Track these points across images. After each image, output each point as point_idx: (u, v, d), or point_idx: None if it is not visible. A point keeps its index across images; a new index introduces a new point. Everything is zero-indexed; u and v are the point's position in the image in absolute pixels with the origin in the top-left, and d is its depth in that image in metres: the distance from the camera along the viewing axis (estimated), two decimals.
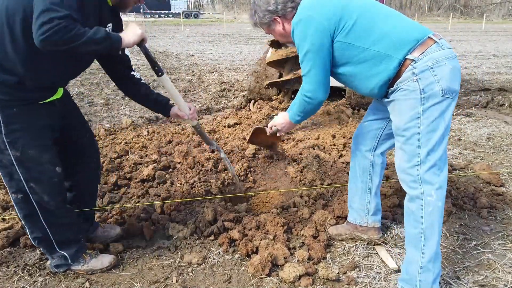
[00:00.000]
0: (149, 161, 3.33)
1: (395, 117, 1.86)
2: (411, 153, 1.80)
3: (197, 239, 2.39)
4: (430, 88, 1.72)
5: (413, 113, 1.76)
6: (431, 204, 1.78)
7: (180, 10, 41.64)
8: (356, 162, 2.26)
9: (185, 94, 6.52)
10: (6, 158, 1.77)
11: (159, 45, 14.80)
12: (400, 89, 1.79)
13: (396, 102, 1.83)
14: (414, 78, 1.74)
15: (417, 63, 1.73)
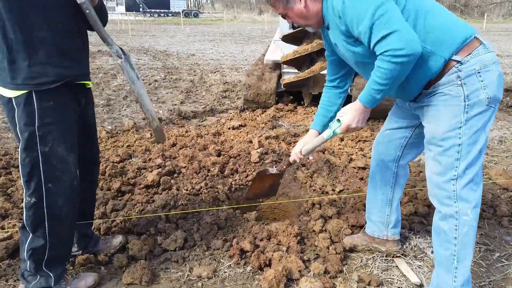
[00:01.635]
0: (154, 166, 3.21)
1: (430, 124, 1.68)
2: (447, 166, 1.63)
3: (206, 250, 2.27)
4: (476, 95, 1.55)
5: (455, 121, 1.59)
6: (467, 224, 1.63)
7: (180, 9, 41.56)
8: (377, 173, 2.11)
9: (187, 95, 6.40)
10: (32, 155, 1.68)
11: (159, 44, 14.67)
12: (439, 92, 1.62)
13: (433, 108, 1.66)
14: (459, 82, 1.57)
15: (463, 66, 1.55)
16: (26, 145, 1.67)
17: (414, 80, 1.63)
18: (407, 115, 1.92)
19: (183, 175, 3.12)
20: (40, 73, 1.62)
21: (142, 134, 4.24)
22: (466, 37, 1.57)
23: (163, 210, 2.64)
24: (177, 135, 4.17)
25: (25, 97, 1.62)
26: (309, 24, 1.76)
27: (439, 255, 1.75)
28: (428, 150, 1.74)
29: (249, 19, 39.62)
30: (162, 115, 5.16)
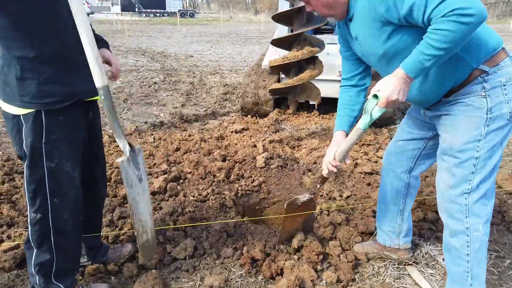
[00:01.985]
0: (159, 172, 3.18)
1: (448, 134, 1.63)
2: (461, 179, 1.59)
3: (216, 258, 2.25)
4: (499, 108, 1.51)
5: (475, 134, 1.53)
6: (478, 240, 1.59)
7: (176, 9, 41.47)
8: (387, 184, 2.08)
9: (187, 97, 6.37)
10: (38, 172, 1.64)
11: (156, 45, 14.60)
12: (461, 102, 1.56)
13: (452, 117, 1.60)
14: (483, 93, 1.51)
15: (490, 77, 1.50)
16: (32, 161, 1.63)
17: (437, 84, 1.58)
18: (420, 126, 1.88)
19: (189, 181, 3.10)
20: (49, 92, 1.58)
21: (144, 138, 4.21)
22: (496, 47, 1.52)
23: (170, 217, 2.61)
24: (180, 139, 4.14)
25: (34, 115, 1.58)
26: (332, 15, 1.66)
27: (452, 271, 1.72)
28: (441, 160, 1.68)
29: (245, 19, 39.60)
30: (164, 118, 5.13)
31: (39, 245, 1.77)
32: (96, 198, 2.07)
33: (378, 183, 3.10)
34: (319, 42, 3.45)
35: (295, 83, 3.35)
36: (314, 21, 3.26)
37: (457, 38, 1.32)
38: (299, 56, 3.18)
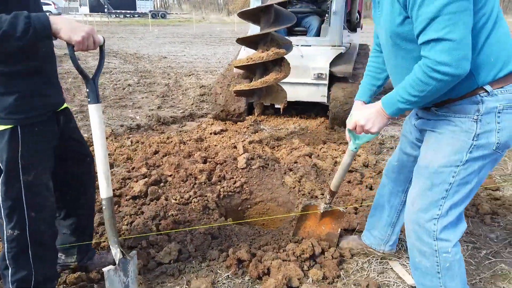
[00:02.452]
0: (139, 176, 3.13)
1: (428, 152, 1.54)
2: (432, 203, 1.51)
3: (202, 261, 2.24)
4: (486, 136, 1.39)
5: (455, 158, 1.44)
6: (448, 260, 1.54)
7: (147, 10, 40.80)
8: (385, 195, 2.05)
9: (163, 99, 6.29)
10: (15, 188, 1.59)
11: (128, 47, 14.33)
12: (450, 121, 1.45)
13: (437, 135, 1.50)
14: (475, 117, 1.39)
15: (488, 98, 1.37)
16: (9, 177, 1.58)
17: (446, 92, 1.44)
18: (413, 146, 1.79)
19: (170, 184, 3.05)
20: (27, 107, 1.55)
21: (121, 142, 4.12)
22: (510, 69, 1.37)
23: (153, 222, 2.57)
24: (158, 142, 4.08)
25: (10, 131, 1.54)
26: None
27: (424, 285, 1.67)
28: (416, 178, 1.60)
29: (218, 20, 39.47)
30: (140, 121, 5.04)
31: (16, 262, 1.70)
32: (85, 199, 2.03)
33: (358, 180, 3.17)
34: (287, 43, 3.33)
35: (260, 86, 3.17)
36: (283, 21, 3.14)
37: (429, 90, 1.31)
38: (264, 58, 3.01)
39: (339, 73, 4.37)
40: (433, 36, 1.24)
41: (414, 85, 1.33)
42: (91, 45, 1.54)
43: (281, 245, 2.34)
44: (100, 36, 1.60)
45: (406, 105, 1.40)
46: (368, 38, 14.71)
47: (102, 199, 1.69)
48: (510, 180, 3.34)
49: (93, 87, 1.63)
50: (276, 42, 3.24)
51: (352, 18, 5.23)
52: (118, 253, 1.73)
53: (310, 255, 2.20)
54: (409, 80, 1.35)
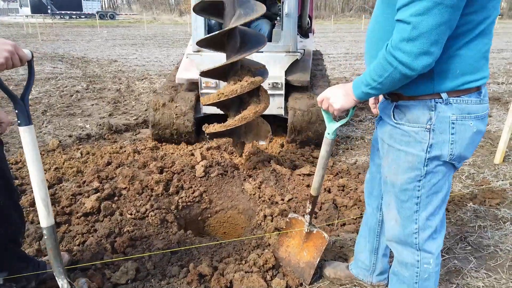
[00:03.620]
0: (90, 190, 2.96)
1: (389, 169, 1.50)
2: (407, 219, 1.50)
3: (161, 279, 2.14)
4: (439, 147, 1.36)
5: (414, 175, 1.42)
6: (428, 271, 1.55)
7: (94, 11, 39.23)
8: (365, 219, 1.98)
9: (115, 106, 6.03)
10: None
11: (75, 50, 13.66)
12: (404, 130, 1.41)
13: (394, 151, 1.46)
14: (427, 126, 1.35)
15: (441, 106, 1.32)
16: None
17: None
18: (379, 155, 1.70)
19: (124, 197, 2.92)
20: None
21: (70, 154, 3.89)
22: (475, 83, 1.31)
23: (107, 240, 2.44)
24: (111, 152, 3.90)
25: None
26: None
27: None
28: (386, 193, 1.58)
29: (170, 20, 38.70)
30: (90, 130, 4.79)
31: None
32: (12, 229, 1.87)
33: None
34: (261, 68, 2.88)
35: (238, 124, 2.73)
36: (252, 44, 2.69)
37: (386, 76, 1.27)
38: (238, 91, 2.59)
39: (296, 82, 3.96)
40: (405, 18, 1.16)
41: (376, 68, 1.29)
42: (17, 63, 1.41)
43: (243, 256, 2.30)
44: (27, 50, 1.47)
45: (368, 89, 1.35)
46: (318, 44, 14.99)
47: (43, 229, 1.56)
48: (457, 176, 3.52)
49: (22, 107, 1.48)
50: (247, 69, 2.82)
51: (303, 23, 4.77)
52: (65, 284, 1.63)
53: (273, 265, 2.18)
54: (374, 63, 1.31)
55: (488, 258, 2.34)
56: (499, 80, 7.99)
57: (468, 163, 3.82)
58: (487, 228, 2.66)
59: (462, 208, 2.91)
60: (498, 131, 4.67)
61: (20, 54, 1.38)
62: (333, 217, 2.73)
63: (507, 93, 6.77)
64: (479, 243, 2.49)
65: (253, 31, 2.83)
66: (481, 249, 2.43)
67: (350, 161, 3.89)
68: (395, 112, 1.45)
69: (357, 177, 3.38)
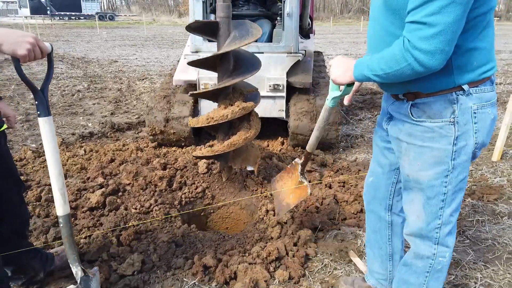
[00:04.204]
0: (95, 186, 3.01)
1: (412, 167, 1.48)
2: (432, 215, 1.49)
3: (167, 270, 2.19)
4: (465, 138, 1.37)
5: (442, 169, 1.41)
6: (441, 263, 1.56)
7: (93, 12, 39.23)
8: (370, 226, 1.91)
9: (116, 105, 6.08)
10: None
11: (75, 51, 13.70)
12: (426, 127, 1.40)
13: (416, 148, 1.44)
14: (451, 119, 1.35)
15: (463, 98, 1.34)
16: None
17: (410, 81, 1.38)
18: (386, 153, 1.72)
19: (129, 193, 2.96)
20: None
21: (74, 151, 3.94)
22: (488, 74, 1.36)
23: (113, 233, 2.49)
24: (114, 149, 3.95)
25: None
26: None
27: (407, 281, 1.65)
28: (409, 190, 1.56)
29: (169, 21, 38.76)
30: (92, 128, 4.84)
31: None
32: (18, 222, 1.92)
33: (318, 180, 3.25)
34: (254, 91, 2.75)
35: (226, 150, 2.60)
36: (246, 67, 2.57)
37: (397, 69, 1.26)
38: (228, 116, 2.47)
39: (298, 84, 3.83)
40: (420, 19, 1.17)
41: (387, 59, 1.27)
42: (38, 55, 1.47)
43: (247, 249, 2.35)
44: (47, 43, 1.52)
45: (371, 74, 1.34)
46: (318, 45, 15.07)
47: (59, 217, 1.61)
48: None
49: (42, 99, 1.54)
50: (239, 92, 2.69)
51: (303, 23, 4.58)
52: (79, 271, 1.67)
53: (276, 257, 2.23)
54: (385, 52, 1.29)
55: (486, 251, 2.40)
56: (496, 81, 8.07)
57: None
58: (485, 222, 2.71)
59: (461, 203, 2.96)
60: (496, 130, 4.73)
61: (41, 46, 1.44)
62: (334, 211, 2.78)
63: (504, 94, 6.85)
64: (477, 236, 2.55)
65: (248, 54, 2.69)
66: (479, 242, 2.49)
67: (350, 158, 3.94)
68: (412, 111, 1.43)
69: (357, 174, 3.43)
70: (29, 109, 5.68)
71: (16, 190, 1.87)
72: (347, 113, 5.57)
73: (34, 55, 1.41)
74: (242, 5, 4.49)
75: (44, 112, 1.52)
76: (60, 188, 1.57)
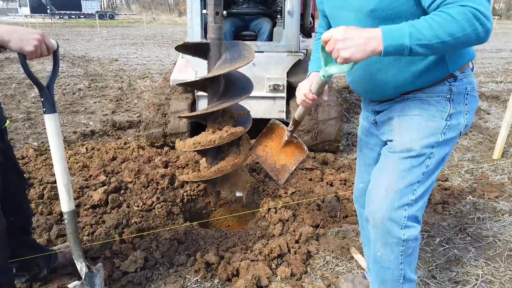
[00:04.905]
0: (97, 183, 3.02)
1: (404, 136, 1.42)
2: (407, 187, 1.40)
3: (169, 267, 2.20)
4: (457, 117, 1.39)
5: (433, 140, 1.39)
6: (411, 246, 1.47)
7: (93, 11, 39.26)
8: (365, 229, 1.85)
9: (117, 103, 6.09)
10: None
11: (76, 49, 13.70)
12: (423, 100, 1.40)
13: (409, 118, 1.42)
14: (448, 95, 1.37)
15: (456, 83, 1.38)
16: None
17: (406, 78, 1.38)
18: (374, 154, 1.68)
19: (131, 190, 2.98)
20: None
21: (75, 150, 3.95)
22: (471, 57, 1.41)
23: (115, 230, 2.50)
24: (115, 147, 3.96)
25: None
26: None
27: (383, 279, 1.57)
28: (389, 161, 1.45)
29: (169, 20, 38.73)
30: (94, 126, 4.85)
31: None
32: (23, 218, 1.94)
33: (319, 178, 3.26)
34: (244, 114, 2.63)
35: (213, 176, 2.48)
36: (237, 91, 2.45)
37: (458, 37, 1.12)
38: (216, 142, 2.36)
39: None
40: None
41: (446, 25, 1.11)
42: (45, 52, 1.48)
43: (249, 246, 2.36)
44: (53, 40, 1.54)
45: (414, 45, 1.13)
46: None
47: (64, 213, 1.62)
48: (457, 170, 3.59)
49: (48, 95, 1.56)
50: (229, 116, 2.54)
51: (305, 22, 4.56)
52: (83, 267, 1.68)
53: (278, 254, 2.24)
54: (435, 18, 1.13)
55: (487, 248, 2.41)
56: (497, 79, 8.07)
57: (467, 158, 3.89)
58: (486, 219, 2.72)
59: (462, 201, 2.97)
60: (497, 128, 4.74)
61: (47, 43, 1.45)
62: (335, 209, 2.78)
63: (505, 92, 6.85)
64: (478, 234, 2.56)
65: (241, 75, 2.53)
66: (480, 239, 2.50)
67: (351, 156, 3.95)
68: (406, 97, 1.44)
69: None
70: (30, 107, 5.69)
71: (21, 186, 1.88)
72: (348, 112, 5.58)
73: (41, 52, 1.42)
74: (242, 3, 4.43)
75: (49, 109, 1.53)
76: (65, 184, 1.58)
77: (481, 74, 8.59)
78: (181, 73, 3.93)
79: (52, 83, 1.57)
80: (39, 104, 5.90)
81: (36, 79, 1.52)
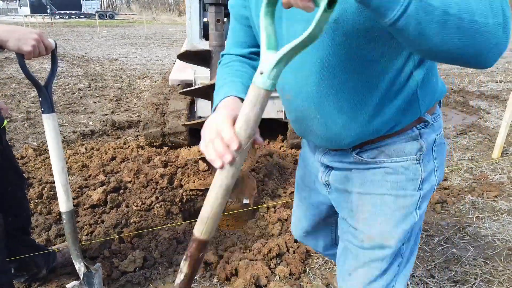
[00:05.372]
0: (96, 183, 3.02)
1: (369, 228, 1.08)
2: (386, 279, 1.11)
3: (168, 267, 2.21)
4: (429, 181, 1.05)
5: (407, 225, 1.05)
6: None
7: (93, 10, 39.30)
8: None
9: (117, 103, 6.09)
10: None
11: (76, 49, 13.70)
12: (385, 168, 1.04)
13: (369, 199, 1.07)
14: (418, 157, 1.02)
15: (426, 130, 1.02)
16: None
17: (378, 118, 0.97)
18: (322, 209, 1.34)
19: (130, 190, 2.97)
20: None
21: (75, 149, 3.95)
22: (441, 96, 1.07)
23: (114, 230, 2.50)
24: (115, 147, 3.96)
25: None
26: None
27: None
28: (356, 261, 1.13)
29: (169, 20, 38.77)
30: (93, 126, 4.85)
31: None
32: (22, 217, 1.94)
33: None
34: None
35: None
36: None
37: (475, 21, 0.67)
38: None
39: None
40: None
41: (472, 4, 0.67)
42: (43, 52, 1.48)
43: (247, 245, 2.37)
44: (51, 40, 1.54)
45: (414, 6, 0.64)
46: None
47: (62, 213, 1.62)
48: (456, 170, 3.59)
49: (46, 95, 1.56)
50: None
51: None
52: (82, 267, 1.68)
53: (277, 254, 2.24)
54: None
55: (486, 247, 2.41)
56: (497, 78, 8.07)
57: (467, 158, 3.89)
58: (485, 219, 2.72)
59: (461, 201, 2.98)
60: (496, 127, 4.74)
61: (46, 43, 1.45)
62: None
63: (505, 91, 6.85)
64: (477, 233, 2.56)
65: None
66: (479, 238, 2.50)
67: None
68: (363, 155, 1.06)
69: None
70: (30, 107, 5.70)
71: (20, 185, 1.88)
72: None
73: (39, 51, 1.42)
74: None
75: (48, 108, 1.53)
76: (64, 184, 1.58)
77: (481, 73, 8.59)
78: (180, 73, 3.94)
79: (50, 83, 1.57)
80: (38, 104, 5.90)
81: (35, 79, 1.52)
